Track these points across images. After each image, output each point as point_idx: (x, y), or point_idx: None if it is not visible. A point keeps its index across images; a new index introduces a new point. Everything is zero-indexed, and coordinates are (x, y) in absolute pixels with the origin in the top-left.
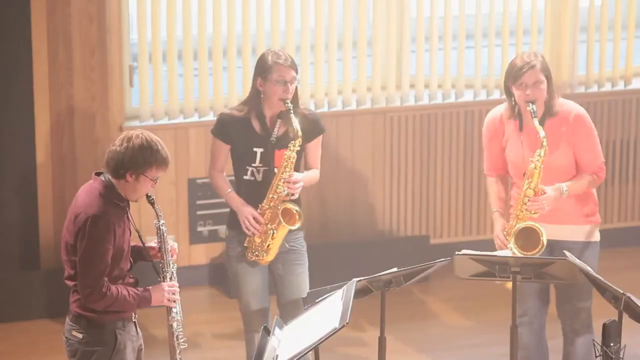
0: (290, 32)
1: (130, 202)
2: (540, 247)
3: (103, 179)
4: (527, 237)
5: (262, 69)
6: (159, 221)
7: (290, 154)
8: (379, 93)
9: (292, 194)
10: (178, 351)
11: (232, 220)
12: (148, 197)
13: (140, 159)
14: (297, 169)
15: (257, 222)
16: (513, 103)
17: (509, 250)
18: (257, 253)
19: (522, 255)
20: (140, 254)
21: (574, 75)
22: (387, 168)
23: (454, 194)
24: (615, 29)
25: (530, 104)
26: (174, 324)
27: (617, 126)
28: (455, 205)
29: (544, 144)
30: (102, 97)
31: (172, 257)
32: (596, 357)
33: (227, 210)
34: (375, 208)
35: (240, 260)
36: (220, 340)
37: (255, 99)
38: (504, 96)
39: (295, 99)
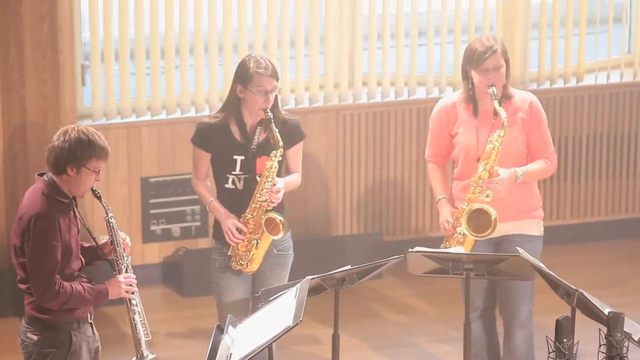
0: (243, 30)
1: (77, 201)
2: (492, 227)
3: (46, 178)
4: (478, 219)
5: (243, 76)
6: (107, 214)
7: (271, 163)
8: (331, 91)
9: (273, 202)
10: (143, 343)
11: (217, 231)
12: (94, 191)
13: (78, 151)
14: (278, 175)
15: (241, 232)
16: (470, 86)
17: (461, 246)
18: (241, 262)
19: (476, 244)
20: (94, 253)
21: (526, 72)
22: (339, 166)
23: (406, 191)
24: (567, 25)
25: (491, 87)
26: (135, 316)
27: (569, 123)
28: (408, 203)
29: (505, 124)
30: (54, 97)
31: (125, 250)
32: (549, 353)
33: (180, 209)
34: (328, 206)
35: (224, 271)
36: (174, 339)
37: (234, 105)
38: (457, 93)
39: (275, 106)
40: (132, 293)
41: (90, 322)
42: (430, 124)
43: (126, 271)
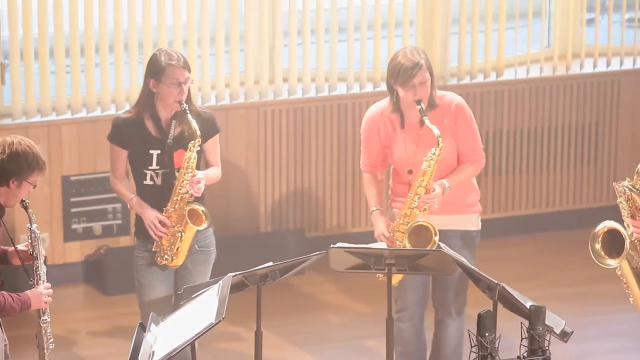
0: (163, 27)
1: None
2: (431, 244)
3: None
4: (418, 234)
5: (155, 70)
6: (32, 225)
7: (190, 154)
8: (252, 87)
9: (196, 193)
10: (47, 352)
11: (139, 228)
12: (23, 201)
13: (24, 165)
14: (197, 168)
15: (164, 225)
16: (395, 99)
17: (384, 242)
18: (166, 256)
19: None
20: (4, 258)
21: (446, 67)
22: (261, 162)
23: (328, 187)
24: (487, 20)
25: (419, 103)
26: (42, 329)
27: (489, 117)
28: (330, 198)
29: (440, 143)
30: None
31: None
32: (472, 347)
33: (102, 207)
34: (250, 202)
35: (150, 267)
36: (96, 338)
37: (148, 100)
38: (377, 89)
39: (189, 99)
40: (47, 303)
41: None
42: (361, 135)
43: (43, 282)
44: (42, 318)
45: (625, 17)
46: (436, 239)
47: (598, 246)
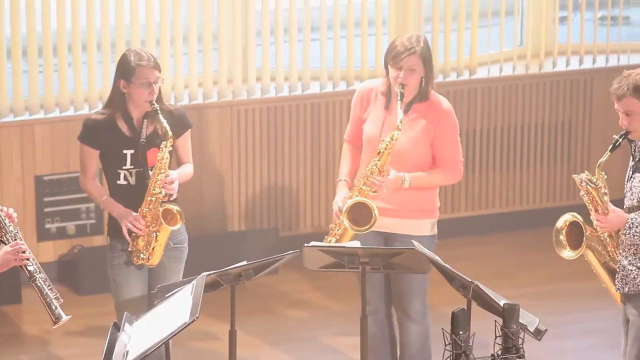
0: (136, 26)
1: None
2: (372, 222)
3: None
4: (360, 212)
5: (125, 71)
6: None
7: (162, 155)
8: (225, 86)
9: (171, 194)
10: (54, 306)
11: (113, 229)
12: None
13: None
14: (170, 166)
15: (139, 222)
16: (388, 79)
17: (358, 241)
18: (142, 256)
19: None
20: None
21: None
22: (234, 161)
23: (302, 186)
24: (459, 18)
25: (400, 86)
26: (38, 282)
27: (462, 116)
28: (303, 198)
29: (399, 127)
30: None
31: (11, 222)
32: (446, 345)
33: (75, 206)
34: (224, 201)
35: (125, 268)
36: (70, 337)
37: (119, 101)
38: (351, 88)
39: (159, 97)
40: (27, 260)
41: None
42: (351, 105)
43: (15, 240)
44: (30, 277)
45: (597, 15)
46: (375, 213)
47: (562, 237)
